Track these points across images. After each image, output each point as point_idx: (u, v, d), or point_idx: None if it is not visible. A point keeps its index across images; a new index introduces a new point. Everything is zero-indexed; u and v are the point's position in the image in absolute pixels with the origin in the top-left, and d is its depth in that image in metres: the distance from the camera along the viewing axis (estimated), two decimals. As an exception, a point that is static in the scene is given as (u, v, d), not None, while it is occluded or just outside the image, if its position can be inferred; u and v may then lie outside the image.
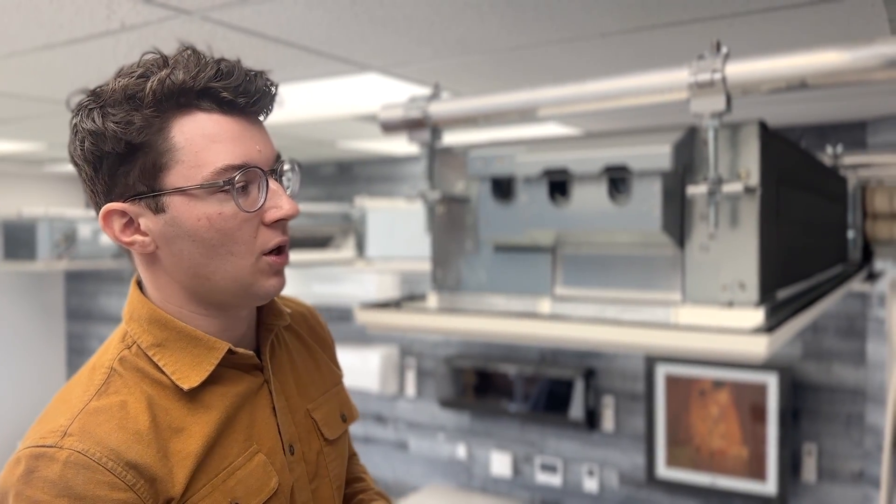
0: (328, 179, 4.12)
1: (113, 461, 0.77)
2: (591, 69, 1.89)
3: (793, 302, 1.06)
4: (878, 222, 2.08)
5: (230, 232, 0.83)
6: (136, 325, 0.88)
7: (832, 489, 2.90)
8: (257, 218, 0.85)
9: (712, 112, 0.86)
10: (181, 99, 0.82)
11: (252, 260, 0.85)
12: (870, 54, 0.85)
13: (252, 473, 0.86)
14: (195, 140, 0.82)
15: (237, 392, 0.88)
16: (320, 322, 1.14)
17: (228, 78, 0.83)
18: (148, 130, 0.81)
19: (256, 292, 0.87)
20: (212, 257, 0.84)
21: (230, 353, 0.88)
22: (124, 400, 0.82)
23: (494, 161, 1.01)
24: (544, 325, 0.99)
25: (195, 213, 0.82)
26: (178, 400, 0.84)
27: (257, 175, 0.85)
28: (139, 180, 0.82)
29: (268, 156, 0.87)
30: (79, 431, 0.78)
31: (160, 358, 0.85)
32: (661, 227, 0.89)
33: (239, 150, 0.83)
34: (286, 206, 0.86)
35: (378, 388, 3.80)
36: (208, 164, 0.82)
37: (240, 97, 0.84)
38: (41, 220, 4.19)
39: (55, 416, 0.81)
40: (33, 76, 1.98)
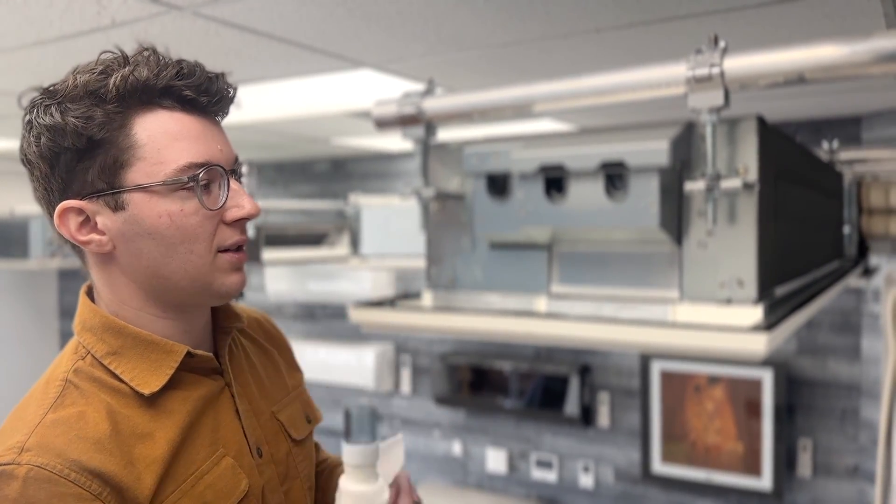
0: (322, 176, 4.11)
1: (75, 472, 0.75)
2: (586, 65, 1.88)
3: (791, 299, 1.05)
4: (873, 218, 2.08)
5: (191, 229, 0.83)
6: (89, 335, 0.86)
7: (827, 484, 2.90)
8: (218, 216, 0.85)
9: (710, 107, 0.85)
10: (143, 96, 0.82)
11: (210, 258, 0.85)
12: (867, 48, 0.84)
13: (221, 477, 0.85)
14: (157, 137, 0.82)
15: (199, 396, 0.87)
16: (275, 326, 1.14)
17: (191, 77, 0.84)
18: (109, 126, 0.81)
19: (217, 290, 0.87)
20: (171, 255, 0.83)
21: (189, 356, 0.87)
22: (82, 410, 0.80)
23: (490, 157, 1.00)
24: (541, 323, 0.98)
25: (156, 210, 0.82)
26: (138, 407, 0.82)
27: (219, 174, 0.85)
28: (98, 177, 0.82)
29: (228, 155, 0.87)
30: (36, 446, 0.76)
31: (116, 366, 0.84)
32: (658, 223, 0.88)
33: (201, 148, 0.84)
34: (247, 205, 0.86)
35: (373, 385, 3.79)
36: (171, 161, 0.82)
37: (202, 96, 0.84)
38: (34, 219, 4.16)
39: (11, 434, 0.79)
40: (24, 73, 1.96)
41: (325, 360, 3.82)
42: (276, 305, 4.18)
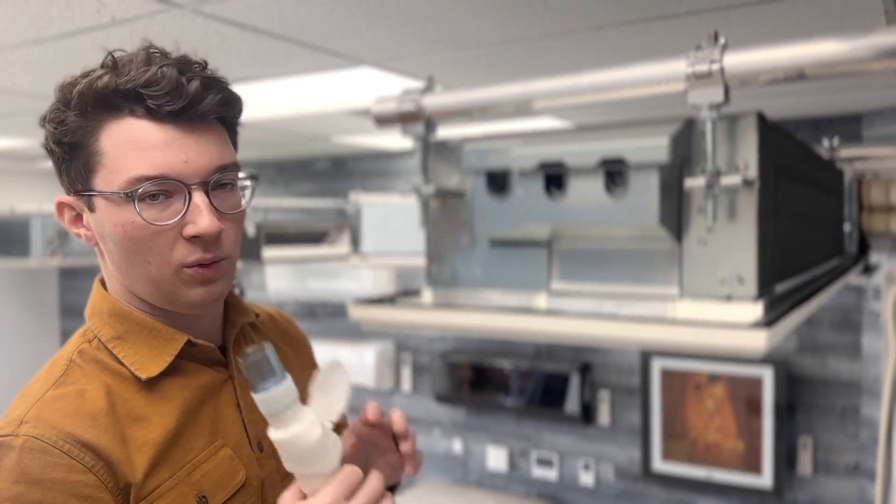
0: (322, 175, 4.11)
1: (69, 444, 0.77)
2: (585, 63, 1.87)
3: (791, 296, 1.05)
4: (873, 215, 2.08)
5: (142, 241, 0.82)
6: (97, 319, 0.88)
7: (828, 482, 2.90)
8: (175, 230, 0.82)
9: (710, 103, 0.85)
10: (112, 102, 0.81)
11: (170, 271, 0.83)
12: (868, 45, 0.84)
13: (218, 466, 0.86)
14: (118, 146, 0.81)
15: (198, 385, 0.88)
16: (293, 325, 1.14)
17: (158, 84, 0.80)
18: (80, 132, 0.82)
19: (181, 301, 0.85)
20: (130, 263, 0.84)
21: (189, 345, 0.88)
22: (83, 388, 0.82)
23: (489, 154, 1.00)
24: (540, 320, 0.98)
25: (112, 218, 0.83)
26: (137, 391, 0.84)
27: (178, 187, 0.82)
28: (76, 178, 0.85)
29: (199, 167, 0.83)
30: (34, 418, 0.79)
31: (120, 350, 0.86)
32: (658, 220, 0.88)
33: (159, 160, 0.81)
34: (202, 223, 0.82)
35: (374, 383, 3.79)
36: (124, 171, 0.81)
37: (167, 105, 0.80)
38: (34, 217, 4.16)
39: (14, 408, 0.82)
40: (24, 71, 1.96)
41: (325, 358, 3.80)
42: (277, 304, 4.18)
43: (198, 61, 0.85)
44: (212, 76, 0.85)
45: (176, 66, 0.82)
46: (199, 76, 0.83)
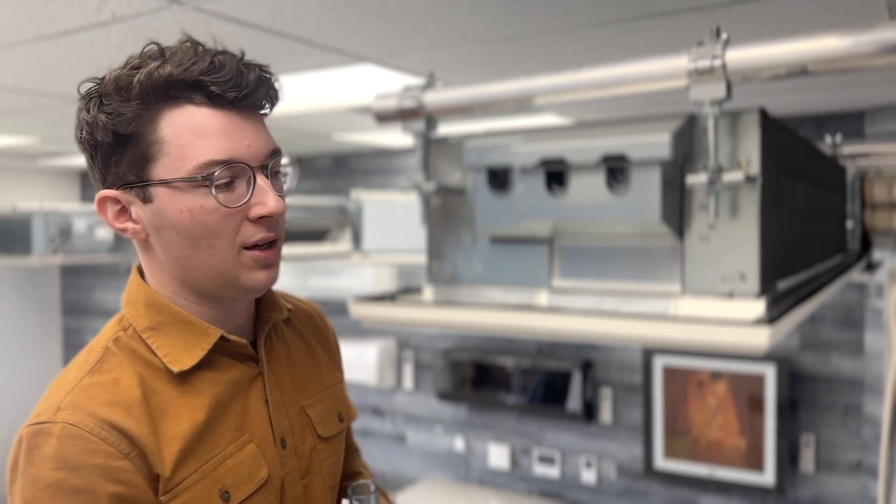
0: (324, 172, 4.10)
1: (106, 430, 0.78)
2: (587, 59, 1.87)
3: (793, 293, 1.05)
4: (876, 212, 2.07)
5: (211, 225, 0.83)
6: (133, 309, 0.89)
7: (830, 480, 2.90)
8: (241, 213, 0.85)
9: (712, 99, 0.85)
10: (171, 91, 0.83)
11: (234, 254, 0.85)
12: (870, 40, 0.83)
13: (242, 462, 0.87)
14: (181, 133, 0.82)
15: (229, 379, 0.89)
16: (327, 324, 1.14)
17: (219, 72, 0.83)
18: (137, 122, 0.82)
19: (243, 285, 0.87)
20: (195, 249, 0.85)
21: (223, 340, 0.89)
22: (118, 377, 0.83)
23: (491, 151, 1.00)
24: (542, 317, 0.98)
25: (178, 205, 0.83)
26: (168, 383, 0.85)
27: (244, 171, 0.84)
28: (129, 170, 0.84)
29: (258, 151, 0.86)
30: (70, 406, 0.80)
31: (154, 341, 0.86)
32: (660, 217, 0.88)
33: (225, 145, 0.83)
34: (271, 203, 0.85)
35: (375, 381, 3.79)
36: (191, 158, 0.82)
37: (229, 91, 0.83)
38: (36, 215, 4.16)
39: (51, 396, 0.83)
40: (25, 69, 1.96)
41: (327, 356, 3.81)
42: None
43: (238, 53, 0.87)
44: (265, 67, 0.87)
45: (227, 55, 0.84)
46: (255, 66, 0.86)
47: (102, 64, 1.92)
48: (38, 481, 0.76)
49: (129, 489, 0.78)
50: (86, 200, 5.15)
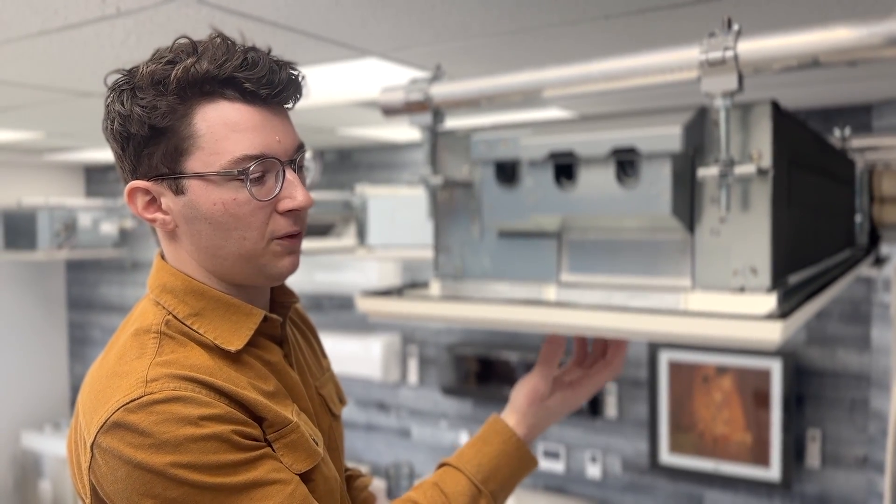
0: (329, 167, 4.10)
1: (206, 389, 0.80)
2: (594, 53, 1.85)
3: (804, 287, 1.04)
4: (885, 206, 2.06)
5: (243, 217, 0.86)
6: (170, 297, 0.90)
7: (836, 474, 2.89)
8: (271, 206, 0.88)
9: (724, 91, 0.84)
10: (206, 87, 0.85)
11: (263, 244, 0.88)
12: (882, 31, 0.82)
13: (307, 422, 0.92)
14: (216, 128, 0.85)
15: (271, 357, 0.92)
16: (308, 315, 1.18)
17: (253, 68, 0.85)
18: (172, 116, 0.84)
19: (271, 272, 0.90)
20: (226, 239, 0.87)
21: (264, 320, 0.92)
22: (185, 354, 0.84)
23: (498, 144, 0.99)
24: (550, 312, 0.97)
25: (211, 197, 0.85)
26: (225, 361, 0.87)
27: (275, 165, 0.87)
28: (162, 162, 0.86)
29: (287, 146, 0.89)
30: (160, 376, 0.80)
31: (199, 326, 0.88)
32: (670, 210, 0.87)
33: (258, 140, 0.86)
34: (300, 197, 0.88)
35: (380, 375, 3.79)
36: (226, 152, 0.85)
37: (263, 88, 0.86)
38: (41, 210, 4.17)
39: (119, 382, 0.81)
40: (29, 63, 1.95)
41: (332, 351, 3.78)
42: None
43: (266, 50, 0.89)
44: (293, 64, 0.91)
45: (258, 51, 0.87)
46: (286, 64, 0.89)
47: (107, 58, 1.92)
48: (166, 444, 0.76)
49: (246, 426, 0.81)
50: (91, 195, 5.15)
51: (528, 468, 1.07)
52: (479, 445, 1.05)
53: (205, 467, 0.76)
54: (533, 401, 1.08)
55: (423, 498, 0.98)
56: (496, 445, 1.04)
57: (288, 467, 0.84)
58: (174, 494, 0.76)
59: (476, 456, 1.03)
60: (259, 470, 0.80)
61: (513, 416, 1.08)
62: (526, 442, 1.07)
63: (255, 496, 0.79)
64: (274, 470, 0.81)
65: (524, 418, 1.07)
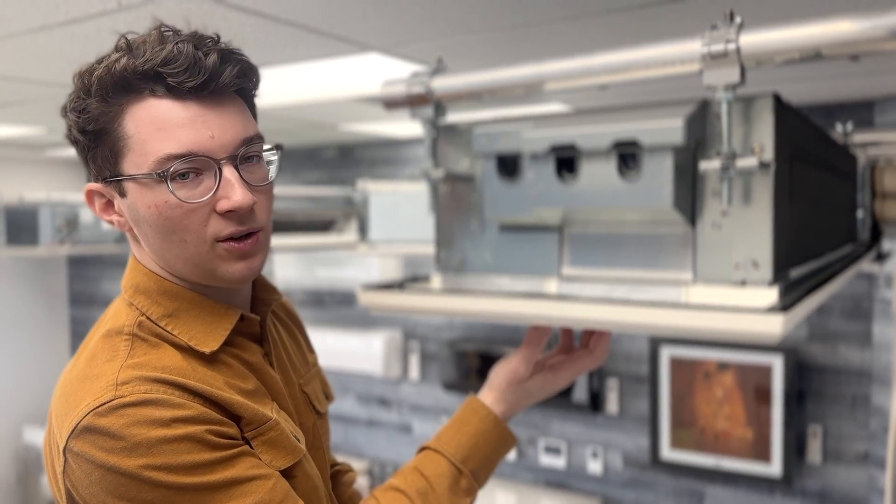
0: (330, 163, 4.09)
1: (178, 390, 0.78)
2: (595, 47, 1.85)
3: (805, 281, 1.04)
4: (887, 202, 2.05)
5: (177, 220, 0.82)
6: (144, 298, 0.87)
7: (837, 470, 2.89)
8: (208, 206, 0.83)
9: (726, 84, 0.84)
10: (132, 85, 0.81)
11: (206, 248, 0.84)
12: (885, 24, 0.82)
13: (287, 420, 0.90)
14: (143, 128, 0.81)
15: (249, 356, 0.90)
16: (294, 309, 1.17)
17: (174, 62, 0.80)
18: (103, 118, 0.82)
19: (221, 277, 0.86)
20: (167, 243, 0.84)
21: (240, 319, 0.89)
22: (159, 355, 0.82)
23: (500, 137, 0.99)
24: (551, 305, 0.97)
25: (145, 200, 0.82)
26: (200, 362, 0.85)
27: (208, 164, 0.82)
28: (104, 165, 0.84)
29: (225, 142, 0.83)
30: (131, 379, 0.78)
31: (173, 327, 0.85)
32: (672, 203, 0.87)
33: (185, 138, 0.81)
34: (236, 197, 0.82)
35: (382, 371, 3.79)
36: (152, 153, 0.81)
37: (187, 81, 0.80)
38: (43, 206, 4.17)
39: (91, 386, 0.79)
40: (31, 58, 1.95)
41: (333, 347, 3.83)
42: (285, 292, 4.17)
43: (210, 36, 0.84)
44: (227, 48, 0.85)
45: (191, 41, 0.82)
46: (215, 49, 0.83)
47: (108, 53, 1.92)
48: (138, 447, 0.74)
49: (222, 426, 0.79)
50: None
51: (508, 445, 1.07)
52: (458, 426, 1.04)
53: (180, 468, 0.75)
54: (511, 381, 1.07)
55: (404, 483, 0.98)
56: (474, 424, 1.04)
57: (268, 464, 0.83)
58: (150, 497, 0.75)
59: (455, 436, 1.03)
60: (237, 468, 0.78)
61: (490, 394, 1.07)
62: (503, 419, 1.07)
63: (235, 493, 0.77)
64: (252, 466, 0.80)
65: (502, 396, 1.07)
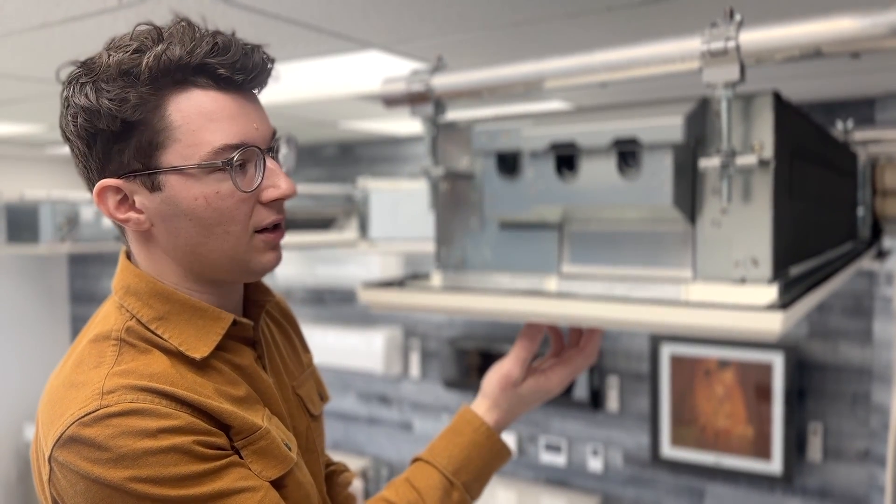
0: (330, 160, 4.09)
1: (165, 400, 0.77)
2: (596, 45, 1.85)
3: (805, 279, 1.04)
4: (887, 199, 2.05)
5: (227, 211, 0.83)
6: (134, 300, 0.85)
7: (838, 468, 2.89)
8: (254, 197, 0.84)
9: (726, 82, 0.84)
10: (177, 76, 0.80)
11: (247, 238, 0.85)
12: (885, 21, 0.82)
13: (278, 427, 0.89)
14: (192, 118, 0.80)
15: (240, 361, 0.89)
16: (289, 307, 1.15)
17: (225, 53, 0.81)
18: (144, 108, 0.79)
19: (253, 268, 0.87)
20: (208, 236, 0.83)
21: (233, 324, 0.88)
22: (146, 361, 0.81)
23: (500, 135, 0.99)
24: (551, 303, 0.97)
25: (192, 192, 0.81)
26: (189, 367, 0.83)
27: (254, 154, 0.83)
28: (134, 158, 0.81)
29: (264, 133, 0.85)
30: (116, 387, 0.76)
31: (164, 331, 0.84)
32: (672, 201, 0.87)
33: (236, 128, 0.82)
34: (283, 185, 0.85)
35: (382, 369, 3.80)
36: (206, 143, 0.80)
37: (237, 74, 0.82)
38: (43, 203, 4.17)
39: (77, 394, 0.77)
40: (31, 56, 1.95)
41: (333, 345, 3.83)
42: (285, 290, 4.18)
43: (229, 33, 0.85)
44: (263, 48, 0.86)
45: (230, 37, 0.82)
46: (257, 47, 0.84)
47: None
48: (123, 459, 0.72)
49: (210, 436, 0.78)
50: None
51: (502, 458, 1.04)
52: (450, 437, 1.03)
53: (166, 480, 0.73)
54: (505, 386, 1.05)
55: (396, 496, 0.96)
56: (467, 436, 1.02)
57: (257, 474, 0.81)
58: None
59: (447, 448, 1.01)
60: (225, 479, 0.77)
61: (483, 403, 1.06)
62: (497, 430, 1.04)
63: None
64: (241, 478, 0.78)
65: (495, 404, 1.05)
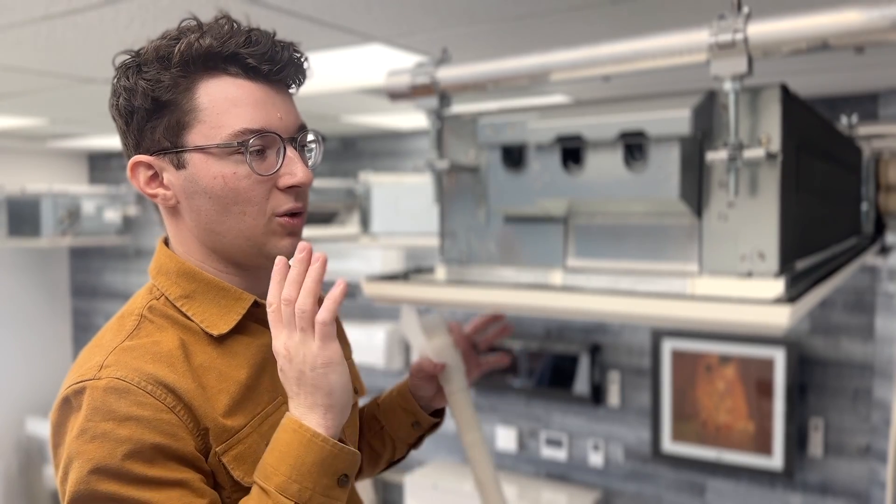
0: (332, 154, 4.09)
1: (151, 384, 0.80)
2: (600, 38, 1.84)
3: (811, 273, 1.04)
4: (891, 195, 2.05)
5: (243, 192, 0.87)
6: (164, 279, 0.91)
7: (839, 464, 2.89)
8: (271, 182, 0.89)
9: (733, 74, 0.83)
10: (209, 62, 0.86)
11: (263, 221, 0.89)
12: (893, 14, 0.81)
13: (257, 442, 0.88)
14: (218, 102, 0.86)
15: (261, 343, 0.92)
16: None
17: (256, 45, 0.87)
18: (175, 89, 0.86)
19: (269, 252, 0.91)
20: (225, 215, 0.88)
21: (255, 305, 0.92)
22: (157, 339, 0.86)
23: (505, 128, 0.98)
24: (556, 296, 0.97)
25: (212, 171, 0.86)
26: (208, 345, 0.88)
27: (275, 141, 0.88)
28: (164, 136, 0.87)
29: (289, 124, 0.90)
30: (115, 363, 0.82)
31: (188, 308, 0.89)
32: (678, 194, 0.86)
33: (259, 115, 0.87)
34: (299, 173, 0.89)
35: (384, 363, 3.80)
36: (227, 125, 0.86)
37: (264, 64, 0.87)
38: (45, 197, 4.17)
39: (89, 358, 0.85)
40: (32, 49, 1.94)
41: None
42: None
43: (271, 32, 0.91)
44: (296, 46, 0.92)
45: (264, 33, 0.89)
46: (288, 44, 0.90)
47: (111, 43, 1.91)
48: (84, 433, 0.78)
49: (175, 441, 0.80)
50: (94, 182, 5.15)
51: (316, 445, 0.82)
52: None
53: (106, 471, 0.77)
54: None
55: None
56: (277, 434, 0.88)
57: (240, 480, 0.84)
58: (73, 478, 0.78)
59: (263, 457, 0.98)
60: (161, 495, 0.77)
61: None
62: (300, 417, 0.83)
63: None
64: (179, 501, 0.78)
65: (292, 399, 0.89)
